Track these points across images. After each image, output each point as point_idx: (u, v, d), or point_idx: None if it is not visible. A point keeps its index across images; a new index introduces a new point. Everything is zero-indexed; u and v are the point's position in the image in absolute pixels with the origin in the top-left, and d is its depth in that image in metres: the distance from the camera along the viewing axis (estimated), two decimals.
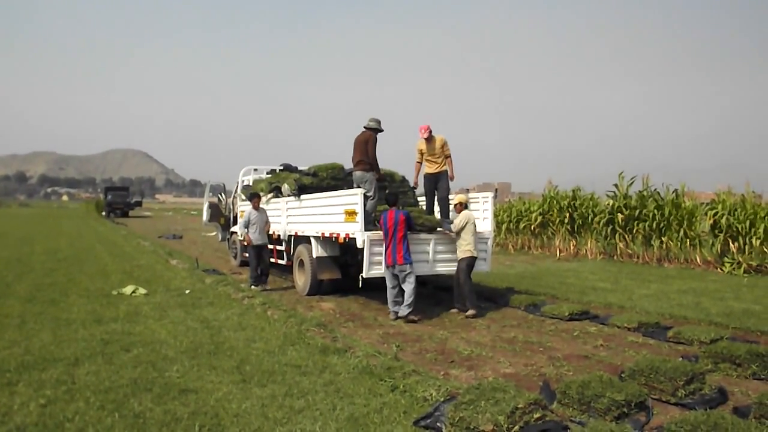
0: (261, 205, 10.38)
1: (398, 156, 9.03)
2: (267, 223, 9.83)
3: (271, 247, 11.44)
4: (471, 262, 7.72)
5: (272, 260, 11.53)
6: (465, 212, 7.97)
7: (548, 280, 10.99)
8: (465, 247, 7.74)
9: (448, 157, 8.41)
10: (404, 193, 10.12)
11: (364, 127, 8.48)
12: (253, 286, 9.56)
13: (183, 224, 36.03)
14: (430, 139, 8.36)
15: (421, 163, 8.59)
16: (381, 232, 7.83)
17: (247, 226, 9.69)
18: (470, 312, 7.43)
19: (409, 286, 7.26)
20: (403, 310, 7.28)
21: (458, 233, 7.85)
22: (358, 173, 8.47)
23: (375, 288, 10.06)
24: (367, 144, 8.41)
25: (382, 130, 8.44)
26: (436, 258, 8.12)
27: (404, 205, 9.95)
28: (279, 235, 10.61)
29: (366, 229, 7.83)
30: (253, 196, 9.69)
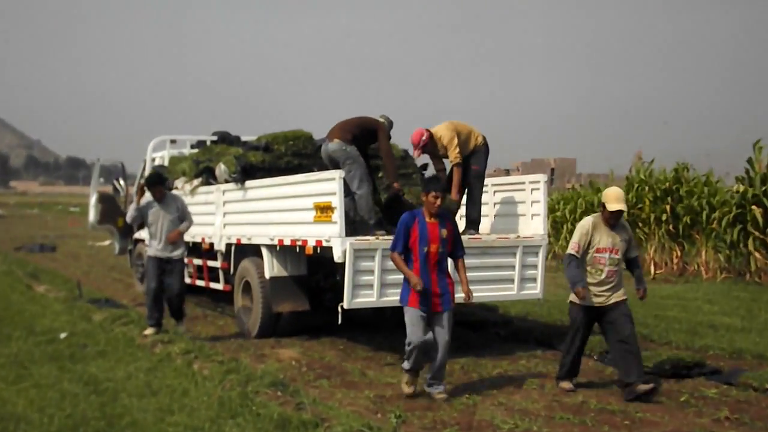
0: (177, 192, 10.32)
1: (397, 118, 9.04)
2: (183, 221, 9.26)
3: (199, 262, 11.46)
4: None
5: (201, 283, 11.56)
6: (625, 223, 7.10)
7: (637, 311, 11.03)
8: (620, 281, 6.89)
9: (456, 165, 8.73)
10: (407, 176, 10.17)
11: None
12: (150, 328, 9.15)
13: (57, 228, 36.00)
14: (427, 147, 8.84)
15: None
16: (369, 239, 7.91)
17: (135, 221, 9.44)
18: (644, 387, 6.59)
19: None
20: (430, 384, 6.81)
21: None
22: (333, 145, 8.57)
23: (362, 324, 10.10)
24: (375, 132, 8.71)
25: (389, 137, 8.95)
26: (457, 278, 8.14)
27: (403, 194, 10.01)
28: (211, 244, 10.63)
29: (350, 233, 7.87)
30: (155, 182, 9.15)
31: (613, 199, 6.78)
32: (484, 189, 9.54)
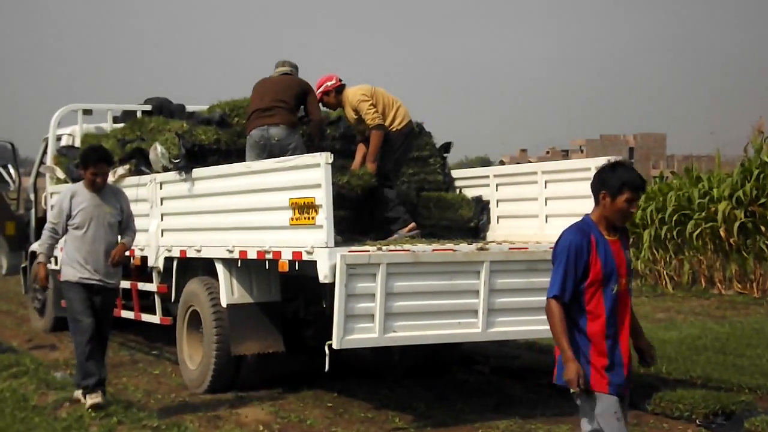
0: (114, 181, 10.14)
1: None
2: (127, 230, 8.75)
3: (126, 285, 11.46)
4: None
5: (129, 315, 11.54)
6: None
7: (759, 356, 11.05)
8: None
9: (376, 128, 9.36)
10: (422, 160, 10.25)
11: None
12: (80, 391, 8.55)
13: None
14: (329, 98, 9.71)
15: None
16: (369, 249, 7.95)
17: (59, 232, 8.61)
18: None
19: None
20: None
21: None
22: (279, 131, 9.27)
23: (359, 372, 10.14)
24: (301, 91, 9.61)
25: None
26: (494, 305, 8.26)
27: (422, 188, 10.06)
28: (144, 258, 10.70)
29: (338, 242, 7.95)
30: (101, 158, 8.62)
31: None
32: (534, 179, 9.62)
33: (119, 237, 8.66)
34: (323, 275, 7.72)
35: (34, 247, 13.92)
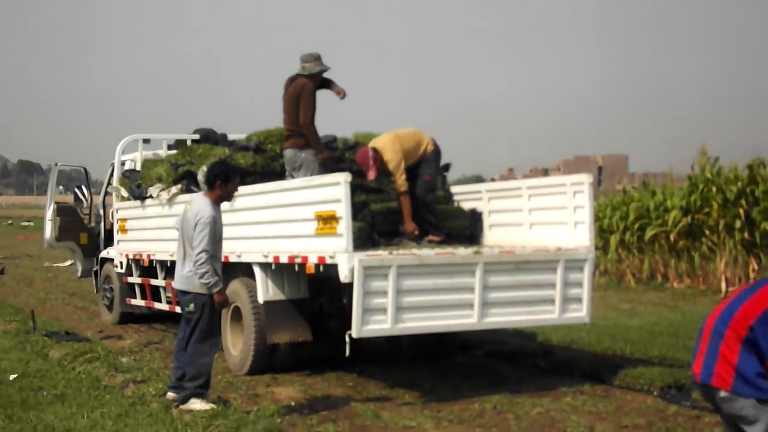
0: (152, 200, 10.22)
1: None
2: None
3: (159, 283, 11.66)
4: None
5: (179, 309, 11.64)
6: None
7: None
8: None
9: (402, 194, 9.22)
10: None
11: (297, 74, 9.57)
12: (198, 400, 7.54)
13: (6, 247, 36.09)
14: (378, 164, 9.27)
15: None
16: (382, 254, 8.00)
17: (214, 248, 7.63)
18: None
19: None
20: None
21: None
22: (287, 153, 9.47)
23: (374, 357, 10.20)
24: (298, 100, 9.37)
25: (325, 69, 9.58)
26: (487, 299, 8.31)
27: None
28: None
29: (357, 248, 7.98)
30: (231, 174, 7.70)
31: None
32: (520, 194, 9.68)
33: None
34: (344, 276, 7.79)
35: (105, 253, 14.05)
